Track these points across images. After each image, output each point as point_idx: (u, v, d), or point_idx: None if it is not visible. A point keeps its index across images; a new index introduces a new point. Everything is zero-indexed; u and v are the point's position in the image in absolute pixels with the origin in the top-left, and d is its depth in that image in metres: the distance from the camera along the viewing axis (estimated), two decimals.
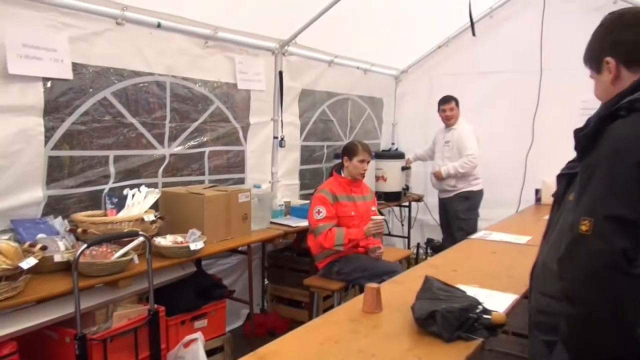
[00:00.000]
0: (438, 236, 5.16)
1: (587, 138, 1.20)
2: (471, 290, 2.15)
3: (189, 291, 2.92)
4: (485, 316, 1.82)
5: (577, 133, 1.25)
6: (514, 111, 4.96)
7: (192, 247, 2.74)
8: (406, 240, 5.48)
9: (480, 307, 1.86)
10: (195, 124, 3.51)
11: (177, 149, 3.40)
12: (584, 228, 1.12)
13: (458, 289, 2.04)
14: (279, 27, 3.89)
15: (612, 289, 1.08)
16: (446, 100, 4.60)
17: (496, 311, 1.87)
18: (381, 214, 5.27)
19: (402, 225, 5.56)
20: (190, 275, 3.00)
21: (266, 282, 4.18)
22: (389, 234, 5.57)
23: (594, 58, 1.33)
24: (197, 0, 3.15)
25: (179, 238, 2.84)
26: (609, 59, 1.27)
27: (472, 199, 4.52)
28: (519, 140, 4.91)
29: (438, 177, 4.60)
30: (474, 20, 4.83)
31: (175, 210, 3.09)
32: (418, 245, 5.44)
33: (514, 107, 4.96)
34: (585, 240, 1.12)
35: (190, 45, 3.36)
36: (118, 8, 2.85)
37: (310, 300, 3.65)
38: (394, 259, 3.87)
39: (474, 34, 3.61)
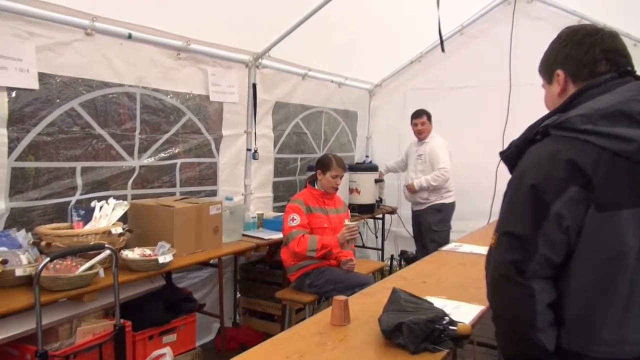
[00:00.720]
0: (412, 248, 5.20)
1: (509, 160, 1.30)
2: (439, 302, 2.17)
3: (158, 305, 2.87)
4: (451, 327, 1.84)
5: (501, 155, 1.34)
6: (484, 125, 5.05)
7: (161, 260, 2.70)
8: (380, 252, 5.50)
9: (446, 318, 1.88)
10: (166, 135, 3.49)
11: (147, 160, 3.36)
12: (492, 241, 1.27)
13: (425, 300, 2.06)
14: (252, 40, 3.90)
15: (506, 296, 1.22)
16: (418, 114, 4.68)
17: (462, 322, 1.89)
18: None
19: (376, 237, 5.59)
20: (159, 289, 2.96)
21: (238, 295, 4.14)
22: (363, 246, 5.59)
23: (547, 68, 1.37)
24: (169, 12, 3.14)
25: (148, 251, 2.79)
26: (559, 71, 1.32)
27: (445, 211, 4.58)
28: (489, 153, 4.91)
29: (411, 190, 4.66)
30: (446, 36, 4.95)
31: (145, 223, 3.05)
32: (392, 257, 5.46)
33: (484, 121, 5.06)
34: (491, 252, 1.27)
35: (161, 56, 3.35)
36: (87, 18, 2.82)
37: (283, 313, 3.62)
38: (367, 271, 3.89)
39: (443, 50, 3.69)
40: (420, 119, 4.66)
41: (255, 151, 4.15)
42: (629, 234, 1.12)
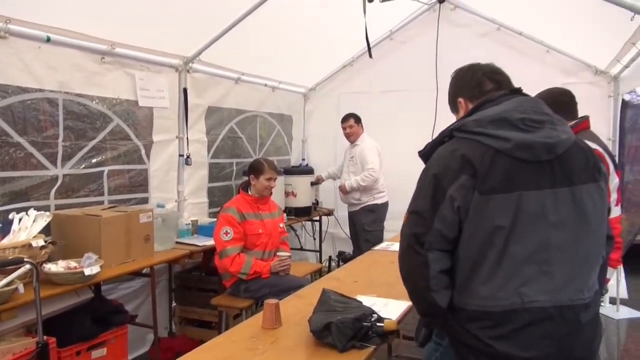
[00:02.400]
0: (349, 248, 5.29)
1: (424, 157, 1.58)
2: (369, 300, 2.24)
3: (85, 319, 2.76)
4: (378, 324, 1.91)
5: (419, 154, 1.61)
6: (414, 127, 5.18)
7: (87, 272, 2.60)
8: (318, 254, 5.57)
9: (374, 316, 1.95)
10: (93, 142, 3.36)
11: (71, 169, 3.22)
12: (404, 219, 1.54)
13: (355, 299, 2.12)
14: (182, 44, 3.84)
15: (408, 263, 1.51)
16: (345, 119, 4.82)
17: (389, 319, 1.97)
18: (293, 229, 5.36)
19: (314, 239, 5.65)
20: (86, 302, 2.85)
21: (174, 304, 4.05)
22: (301, 249, 5.64)
23: (452, 102, 1.72)
24: (90, 15, 3.03)
25: (73, 263, 2.68)
26: (459, 99, 1.67)
27: (377, 212, 4.70)
28: None
29: (343, 190, 4.77)
30: (375, 41, 5.10)
31: (70, 234, 2.92)
32: (330, 258, 5.54)
33: (414, 123, 5.20)
34: (403, 227, 1.53)
35: (85, 60, 3.23)
36: (0, 20, 2.67)
37: (219, 319, 3.59)
38: (304, 273, 3.93)
39: (370, 56, 3.80)
40: (348, 123, 4.78)
41: (188, 157, 4.08)
42: (501, 213, 1.38)
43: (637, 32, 3.34)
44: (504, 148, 1.40)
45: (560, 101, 2.40)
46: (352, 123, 4.77)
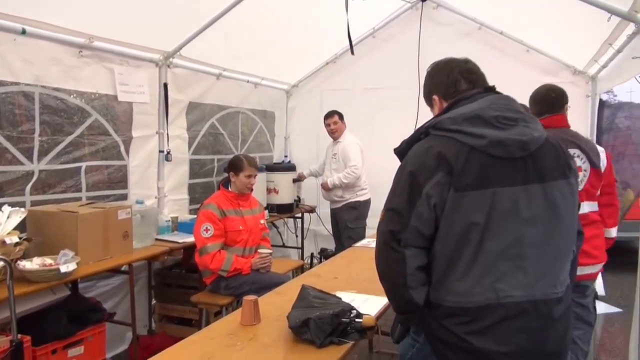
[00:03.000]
0: (332, 245, 5.30)
1: (400, 154, 1.57)
2: (348, 296, 2.25)
3: (61, 317, 2.72)
4: (357, 320, 1.92)
5: (395, 151, 1.61)
6: (397, 124, 5.18)
7: (63, 269, 2.56)
8: (300, 250, 5.56)
9: (353, 311, 1.96)
10: (70, 137, 3.30)
11: (48, 164, 3.16)
12: (380, 217, 1.53)
13: (334, 295, 2.12)
14: (162, 39, 3.79)
15: (385, 260, 1.50)
16: (329, 115, 4.81)
17: (368, 314, 1.98)
18: (275, 226, 5.34)
19: (296, 236, 5.64)
20: (63, 300, 2.80)
21: (154, 301, 4.01)
22: (283, 246, 5.63)
23: (427, 97, 1.72)
24: (68, 7, 2.97)
25: (48, 260, 2.63)
26: (434, 96, 1.67)
27: (359, 209, 4.72)
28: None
29: (325, 187, 4.77)
30: (358, 39, 5.11)
31: (46, 231, 2.87)
32: (312, 255, 5.54)
33: (397, 120, 5.21)
34: (379, 225, 1.53)
35: (62, 54, 3.17)
36: None
37: (200, 317, 3.56)
38: (285, 271, 3.92)
39: (352, 53, 3.81)
40: (332, 119, 4.78)
41: (168, 152, 4.03)
42: (476, 209, 1.40)
43: (614, 32, 3.39)
44: (479, 145, 1.41)
45: (548, 97, 2.53)
46: (336, 119, 4.77)
